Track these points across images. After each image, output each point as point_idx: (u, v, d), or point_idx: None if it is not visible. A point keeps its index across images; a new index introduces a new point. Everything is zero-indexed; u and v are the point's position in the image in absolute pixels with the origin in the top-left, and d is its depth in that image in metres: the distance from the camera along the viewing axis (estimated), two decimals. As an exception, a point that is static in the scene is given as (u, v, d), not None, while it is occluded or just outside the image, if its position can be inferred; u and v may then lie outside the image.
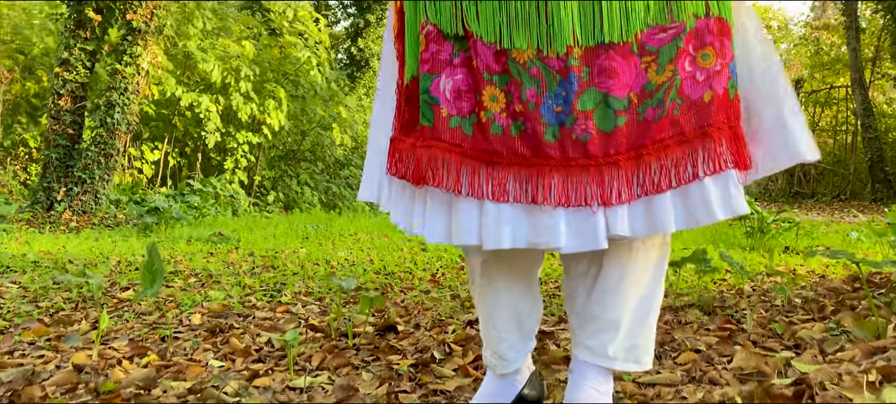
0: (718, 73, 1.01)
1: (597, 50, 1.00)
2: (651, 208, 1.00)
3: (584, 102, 1.00)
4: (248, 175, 10.90)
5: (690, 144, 1.00)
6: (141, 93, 6.74)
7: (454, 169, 1.04)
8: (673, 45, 1.00)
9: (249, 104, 9.96)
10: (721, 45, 1.01)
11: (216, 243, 4.57)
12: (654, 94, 1.00)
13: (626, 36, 1.00)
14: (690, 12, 1.00)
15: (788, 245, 4.87)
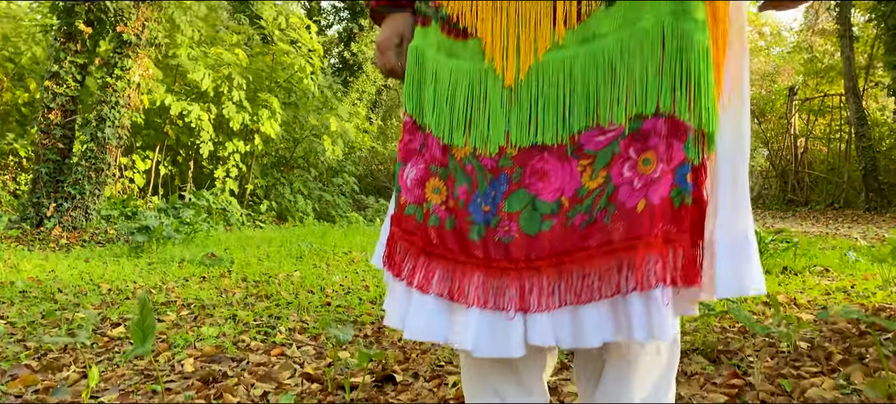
0: (657, 180, 0.91)
1: (531, 151, 0.95)
2: (577, 318, 0.93)
3: (511, 204, 0.95)
4: (241, 184, 10.83)
5: (616, 256, 0.91)
6: (132, 106, 6.66)
7: (402, 255, 1.04)
8: (609, 149, 0.92)
9: (242, 113, 9.89)
10: (667, 148, 0.91)
11: (209, 265, 4.51)
12: (584, 200, 0.93)
13: (561, 138, 0.95)
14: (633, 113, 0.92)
15: (787, 265, 4.84)
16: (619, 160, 0.91)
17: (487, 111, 0.99)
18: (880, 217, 10.74)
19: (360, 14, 19.05)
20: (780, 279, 4.53)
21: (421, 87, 1.08)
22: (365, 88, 20.18)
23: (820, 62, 14.20)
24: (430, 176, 1.04)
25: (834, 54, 13.95)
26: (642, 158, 0.91)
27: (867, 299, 3.45)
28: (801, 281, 4.41)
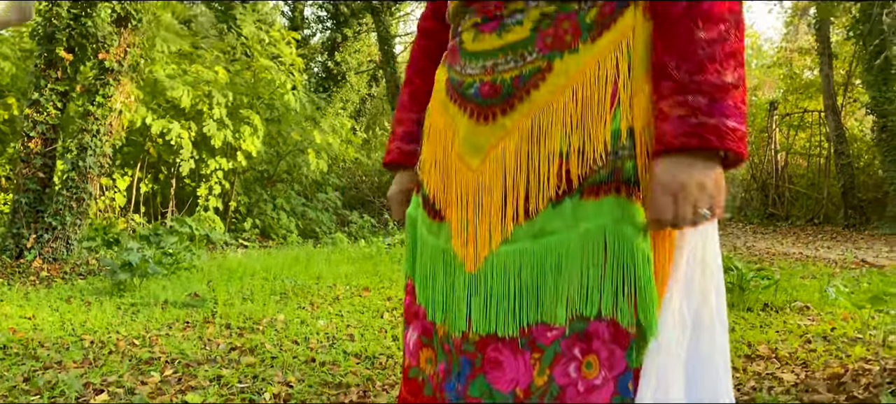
0: (599, 387, 0.92)
1: (488, 339, 0.98)
2: None
3: (472, 389, 0.99)
4: (224, 201, 10.76)
5: None
6: (114, 133, 6.60)
7: None
8: (553, 347, 0.94)
9: (224, 130, 9.84)
10: (609, 355, 0.92)
11: (192, 306, 4.48)
12: (531, 396, 0.95)
13: (512, 330, 0.96)
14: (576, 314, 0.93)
15: (768, 301, 4.90)
16: (562, 359, 0.93)
17: (454, 295, 1.02)
18: (858, 234, 10.88)
19: (343, 24, 19.01)
20: (761, 317, 4.59)
21: (414, 254, 1.11)
22: (349, 97, 20.15)
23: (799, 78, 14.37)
24: (423, 346, 1.09)
25: (813, 70, 14.12)
26: (585, 361, 0.93)
27: (847, 351, 3.51)
28: (781, 320, 4.47)
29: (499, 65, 1.00)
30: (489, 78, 1.00)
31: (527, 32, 0.98)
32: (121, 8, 6.59)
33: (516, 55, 0.98)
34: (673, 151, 0.91)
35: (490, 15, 1.01)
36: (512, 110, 0.98)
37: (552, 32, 0.97)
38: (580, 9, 0.97)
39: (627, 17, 0.98)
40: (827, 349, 3.61)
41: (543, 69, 0.97)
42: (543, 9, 0.97)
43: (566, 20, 0.97)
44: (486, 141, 1.00)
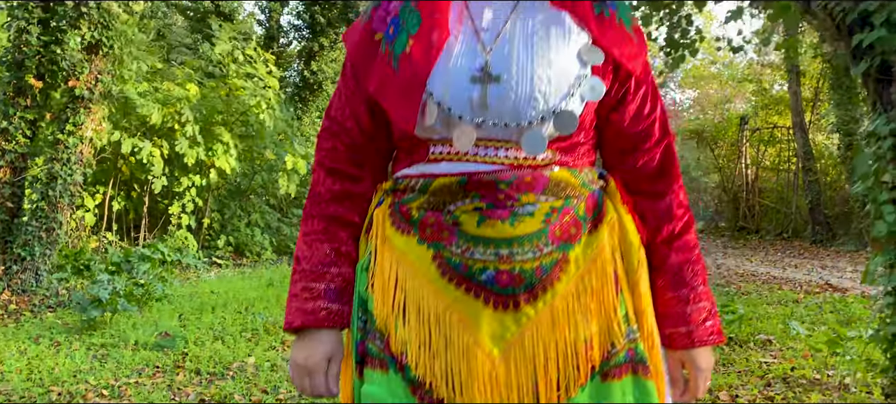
0: None
1: None
2: None
3: None
4: (197, 218, 10.70)
5: None
6: (85, 162, 6.56)
7: None
8: None
9: (196, 148, 9.79)
10: None
11: (163, 348, 4.48)
12: None
13: None
14: None
15: (733, 335, 5.00)
16: None
17: None
18: (825, 250, 11.11)
19: (319, 33, 18.97)
20: (725, 353, 4.69)
21: None
22: (325, 106, 20.06)
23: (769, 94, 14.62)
24: None
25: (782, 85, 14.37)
26: None
27: (803, 398, 3.61)
28: (744, 357, 4.57)
29: (516, 254, 1.01)
30: (506, 267, 1.01)
31: (538, 224, 1.01)
32: (91, 35, 6.55)
33: (533, 246, 1.01)
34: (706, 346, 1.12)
35: (498, 202, 1.02)
36: (535, 300, 1.01)
37: (559, 225, 1.03)
38: (574, 205, 1.05)
39: (609, 210, 1.09)
40: (785, 396, 3.72)
41: (560, 260, 1.02)
42: (553, 203, 1.03)
43: (567, 214, 1.04)
44: (507, 329, 1.02)
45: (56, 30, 6.53)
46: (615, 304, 1.04)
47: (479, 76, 1.02)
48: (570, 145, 1.07)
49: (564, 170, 1.04)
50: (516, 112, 1.01)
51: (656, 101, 1.14)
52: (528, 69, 1.01)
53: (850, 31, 2.83)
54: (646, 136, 1.13)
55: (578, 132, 1.06)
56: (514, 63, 1.01)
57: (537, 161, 1.03)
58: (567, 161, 1.06)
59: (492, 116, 1.02)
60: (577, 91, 1.02)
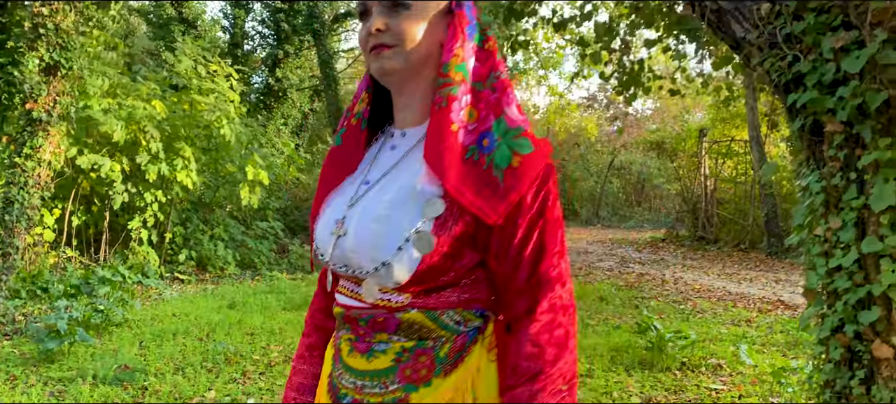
0: None
1: None
2: None
3: None
4: (159, 232, 10.60)
5: None
6: (43, 186, 6.49)
7: None
8: None
9: (158, 164, 9.70)
10: None
11: (122, 381, 4.47)
12: None
13: None
14: None
15: (685, 359, 5.16)
16: None
17: None
18: (780, 263, 11.43)
19: (285, 41, 18.88)
20: (676, 378, 4.84)
21: None
22: (290, 113, 20.01)
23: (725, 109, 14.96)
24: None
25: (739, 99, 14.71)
26: None
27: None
28: (695, 383, 4.72)
29: (366, 386, 1.12)
30: (358, 396, 1.12)
31: (389, 362, 1.10)
32: (50, 57, 6.48)
33: (380, 381, 1.11)
34: None
35: (359, 337, 1.14)
36: None
37: (411, 366, 1.09)
38: (435, 345, 1.10)
39: (474, 355, 1.12)
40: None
41: (401, 400, 1.09)
42: (404, 344, 1.10)
43: (423, 355, 1.10)
44: None
45: (13, 51, 6.47)
46: None
47: (335, 228, 1.14)
48: (431, 288, 1.09)
49: (420, 313, 1.09)
50: (357, 263, 1.11)
51: (525, 245, 1.09)
52: (368, 226, 1.09)
53: (786, 89, 2.97)
54: (508, 275, 1.11)
55: (428, 276, 1.08)
56: (358, 220, 1.11)
57: (392, 303, 1.10)
58: (427, 303, 1.09)
59: (341, 264, 1.13)
60: (407, 246, 1.05)
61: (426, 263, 1.06)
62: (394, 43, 1.13)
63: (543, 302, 1.09)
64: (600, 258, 13.03)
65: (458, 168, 1.08)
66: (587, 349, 5.46)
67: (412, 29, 1.13)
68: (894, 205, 2.55)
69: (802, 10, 2.88)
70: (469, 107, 1.12)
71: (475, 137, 1.10)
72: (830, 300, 2.75)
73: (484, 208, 1.06)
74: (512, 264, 1.10)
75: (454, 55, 1.12)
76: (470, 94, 1.13)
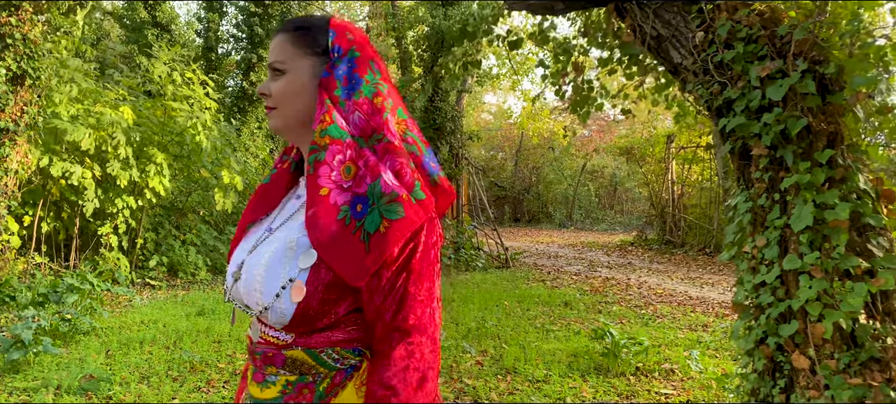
0: None
1: None
2: None
3: None
4: (130, 238, 10.62)
5: None
6: (10, 195, 6.51)
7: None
8: None
9: (129, 170, 9.73)
10: None
11: (87, 391, 4.55)
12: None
13: None
14: None
15: (639, 365, 5.34)
16: None
17: None
18: (743, 267, 11.70)
19: (258, 45, 18.92)
20: (630, 383, 5.01)
21: None
22: (264, 117, 20.00)
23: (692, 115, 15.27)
24: None
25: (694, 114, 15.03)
26: None
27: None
28: (646, 388, 4.90)
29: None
30: None
31: (277, 393, 1.24)
32: (17, 66, 6.52)
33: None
34: None
35: (257, 368, 1.28)
36: None
37: (294, 398, 1.23)
38: (315, 380, 1.23)
39: (348, 389, 1.23)
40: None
41: None
42: (289, 377, 1.23)
43: (306, 388, 1.23)
44: None
45: (-21, 60, 6.48)
46: None
47: (235, 271, 1.29)
48: (312, 330, 1.21)
49: (302, 351, 1.22)
50: (247, 305, 1.26)
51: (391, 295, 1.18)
52: (255, 274, 1.23)
53: (718, 113, 3.15)
54: (376, 323, 1.20)
55: (313, 320, 1.20)
56: (251, 267, 1.25)
57: (278, 341, 1.24)
58: (308, 342, 1.22)
59: (240, 303, 1.29)
60: (284, 293, 1.18)
61: (302, 307, 1.18)
62: (274, 105, 1.28)
63: (400, 348, 1.18)
64: (570, 262, 13.25)
65: (330, 230, 1.18)
66: (546, 354, 5.62)
67: (285, 93, 1.27)
68: (811, 225, 2.73)
69: (733, 39, 3.06)
70: (348, 162, 1.21)
71: (349, 198, 1.19)
72: (756, 313, 2.93)
73: (347, 271, 1.16)
74: (375, 312, 1.19)
75: (320, 121, 1.23)
76: (351, 149, 1.22)
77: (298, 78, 1.27)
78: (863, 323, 2.67)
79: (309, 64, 1.27)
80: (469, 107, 25.14)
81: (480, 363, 5.43)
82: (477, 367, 5.32)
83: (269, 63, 1.29)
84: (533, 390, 4.77)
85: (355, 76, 1.26)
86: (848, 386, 2.56)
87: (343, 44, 1.27)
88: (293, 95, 1.27)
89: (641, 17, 3.44)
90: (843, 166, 2.84)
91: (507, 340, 6.12)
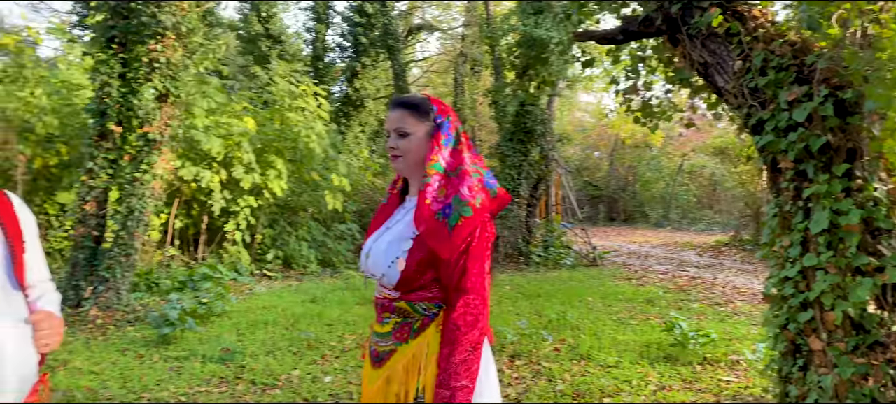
0: None
1: None
2: None
3: None
4: (250, 233, 11.83)
5: None
6: (156, 196, 7.65)
7: None
8: None
9: (251, 174, 10.92)
10: None
11: (225, 360, 5.49)
12: None
13: None
14: None
15: (707, 355, 5.77)
16: None
17: None
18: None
19: (362, 53, 20.00)
20: (696, 372, 5.46)
21: None
22: (367, 121, 21.11)
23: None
24: None
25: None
26: None
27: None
28: (710, 377, 5.34)
29: (380, 341, 2.01)
30: (376, 347, 2.03)
31: (390, 328, 1.99)
32: (163, 86, 7.65)
33: (385, 339, 1.99)
34: None
35: (379, 314, 2.03)
36: (380, 368, 2.00)
37: (399, 331, 1.97)
38: (412, 321, 1.95)
39: (430, 328, 1.95)
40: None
41: (393, 350, 1.97)
42: (397, 319, 1.97)
43: (405, 326, 1.96)
44: (372, 379, 2.03)
45: (132, 81, 7.65)
46: (414, 379, 1.93)
47: (366, 253, 2.05)
48: (410, 290, 1.94)
49: (405, 303, 1.95)
50: (372, 273, 2.00)
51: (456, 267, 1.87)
52: (376, 253, 1.99)
53: (753, 131, 3.64)
54: (447, 285, 1.90)
55: (408, 282, 1.91)
56: (374, 249, 2.01)
57: (392, 296, 1.97)
58: (409, 298, 1.95)
59: (368, 273, 2.03)
60: (393, 262, 1.92)
61: (404, 275, 1.91)
62: (400, 155, 2.01)
63: (461, 301, 1.87)
64: (659, 261, 13.50)
65: (430, 224, 1.89)
66: (620, 344, 6.14)
67: (410, 148, 2.00)
68: (827, 228, 3.19)
69: (767, 67, 3.55)
70: (441, 187, 1.95)
71: (441, 206, 1.91)
72: (781, 303, 3.41)
73: (441, 249, 1.88)
74: (447, 278, 1.90)
75: (431, 160, 1.97)
76: (443, 178, 1.96)
77: (418, 137, 1.99)
78: (871, 312, 3.11)
79: (424, 128, 1.99)
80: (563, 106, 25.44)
81: (558, 349, 6.02)
82: (555, 353, 5.92)
83: (394, 128, 2.00)
84: (603, 373, 5.33)
85: (449, 133, 2.01)
86: (853, 365, 3.03)
87: (442, 114, 2.02)
88: (415, 149, 1.99)
89: (690, 46, 3.95)
90: (861, 177, 3.28)
91: (585, 331, 6.67)
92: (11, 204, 1.93)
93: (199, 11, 7.96)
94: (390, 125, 2.01)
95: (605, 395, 4.81)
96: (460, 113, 18.74)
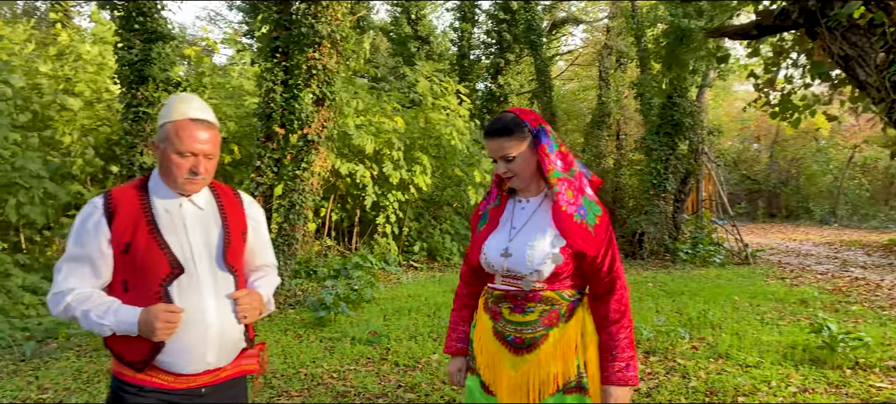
0: None
1: None
2: None
3: None
4: (398, 227, 12.49)
5: None
6: (314, 191, 8.35)
7: None
8: None
9: (400, 170, 11.54)
10: None
11: (372, 343, 5.96)
12: None
13: None
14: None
15: (860, 360, 5.47)
16: None
17: None
18: None
19: (506, 49, 20.27)
20: (845, 376, 5.22)
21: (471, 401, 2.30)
22: (510, 117, 21.31)
23: None
24: None
25: None
26: None
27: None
28: (859, 381, 5.09)
29: (524, 329, 2.15)
30: (519, 335, 2.16)
31: (536, 316, 2.14)
32: (320, 91, 8.33)
33: (531, 326, 2.15)
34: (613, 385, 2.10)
35: (517, 305, 2.18)
36: (530, 353, 2.15)
37: (548, 317, 2.13)
38: (559, 307, 2.13)
39: (579, 311, 2.15)
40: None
41: (545, 335, 2.13)
42: (543, 307, 2.13)
43: (552, 312, 2.13)
44: (517, 365, 2.17)
45: (293, 87, 8.38)
46: (574, 358, 2.11)
47: (504, 252, 2.19)
48: (555, 280, 2.12)
49: (550, 292, 2.13)
50: (518, 270, 2.15)
51: (605, 260, 2.11)
52: (523, 251, 2.14)
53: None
54: (596, 276, 2.13)
55: (557, 275, 2.10)
56: (517, 248, 2.16)
57: (536, 287, 2.13)
58: (554, 286, 2.13)
59: (509, 270, 2.18)
60: (548, 260, 2.09)
61: (556, 269, 2.10)
62: (512, 175, 2.19)
63: (616, 285, 2.13)
64: (819, 261, 12.68)
65: (571, 227, 2.09)
66: (763, 344, 5.96)
67: (521, 168, 2.17)
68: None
69: (912, 59, 3.40)
70: (567, 190, 2.14)
71: (576, 209, 2.12)
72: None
73: (587, 247, 2.09)
74: (597, 268, 2.12)
75: (548, 170, 2.15)
76: (566, 182, 2.15)
77: (523, 156, 2.16)
78: None
79: (526, 144, 2.16)
80: (717, 97, 24.28)
81: (696, 347, 5.96)
82: (692, 350, 5.86)
83: (498, 156, 2.17)
84: (740, 372, 5.23)
85: (549, 138, 2.18)
86: None
87: (534, 124, 2.18)
88: (525, 167, 2.17)
89: (830, 39, 3.84)
90: None
91: (726, 330, 6.52)
92: (240, 201, 2.28)
93: (352, 20, 8.56)
94: (494, 154, 2.18)
95: (739, 394, 4.74)
96: (605, 106, 18.49)
